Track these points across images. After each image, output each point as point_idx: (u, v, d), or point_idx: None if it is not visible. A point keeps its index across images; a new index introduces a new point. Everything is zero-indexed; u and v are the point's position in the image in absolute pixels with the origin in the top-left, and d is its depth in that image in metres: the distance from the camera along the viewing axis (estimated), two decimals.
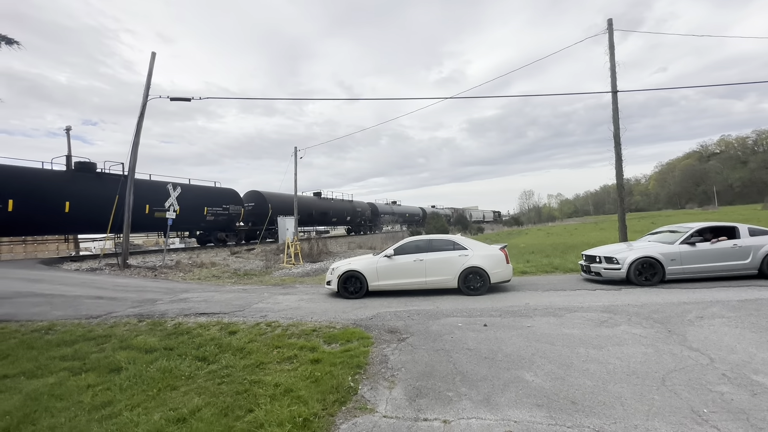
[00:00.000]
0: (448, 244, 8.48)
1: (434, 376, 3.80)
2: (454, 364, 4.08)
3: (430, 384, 3.61)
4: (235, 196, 24.40)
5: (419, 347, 4.69)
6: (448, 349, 4.56)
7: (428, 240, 8.67)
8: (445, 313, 6.44)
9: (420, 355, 4.42)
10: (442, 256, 8.24)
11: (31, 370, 4.41)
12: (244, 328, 5.71)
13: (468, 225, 43.95)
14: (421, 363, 4.16)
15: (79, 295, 8.46)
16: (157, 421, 3.11)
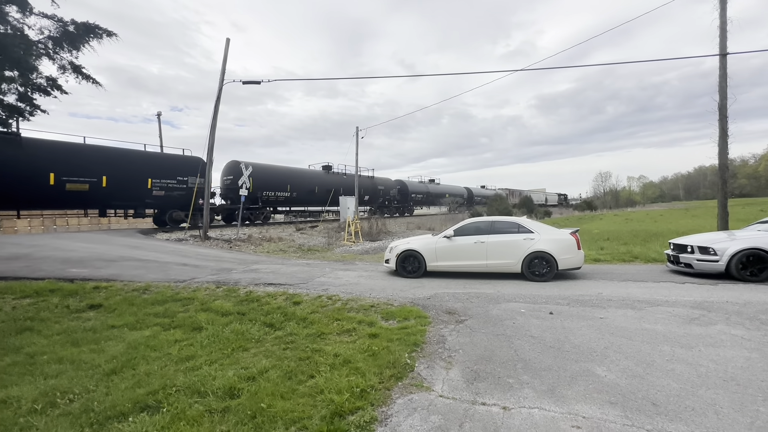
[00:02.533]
0: (512, 227, 8.05)
1: (494, 360, 3.66)
2: (516, 351, 3.89)
3: (489, 368, 3.49)
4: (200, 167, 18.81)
5: (478, 330, 4.55)
6: (509, 335, 4.36)
7: (490, 222, 8.30)
8: (506, 297, 6.17)
9: (479, 338, 4.29)
10: (505, 239, 7.85)
11: (132, 323, 5.09)
12: (307, 300, 6.02)
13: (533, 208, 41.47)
14: (479, 346, 4.03)
15: (169, 261, 9.56)
16: (231, 377, 3.40)
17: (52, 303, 5.81)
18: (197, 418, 2.75)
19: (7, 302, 5.69)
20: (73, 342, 4.50)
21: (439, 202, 42.62)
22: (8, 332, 4.72)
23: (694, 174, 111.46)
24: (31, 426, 2.76)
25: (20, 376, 3.66)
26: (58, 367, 3.82)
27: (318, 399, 2.97)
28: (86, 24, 5.88)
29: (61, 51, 6.10)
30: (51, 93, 6.20)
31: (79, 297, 6.11)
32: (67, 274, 7.42)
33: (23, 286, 6.31)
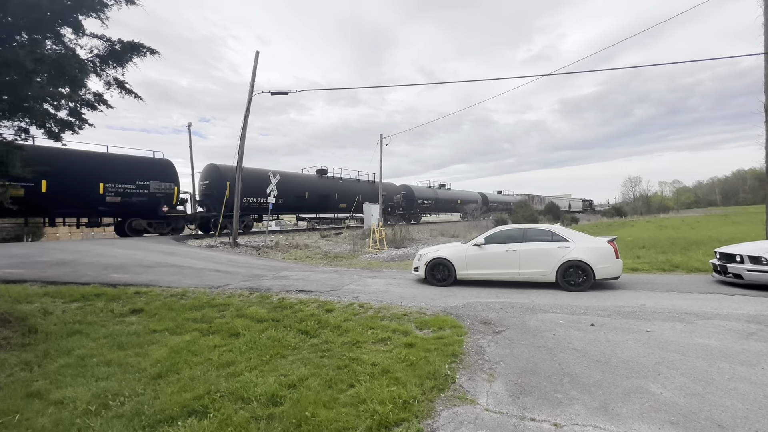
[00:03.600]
0: (545, 235, 7.84)
1: (538, 374, 3.54)
2: (560, 364, 3.75)
3: (535, 382, 3.37)
4: (165, 170, 17.50)
5: (517, 342, 4.42)
6: (551, 347, 4.21)
7: (522, 229, 8.11)
8: (542, 308, 5.99)
9: (519, 350, 4.16)
10: (538, 247, 7.64)
11: (172, 328, 5.24)
12: (339, 307, 6.03)
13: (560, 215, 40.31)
14: (521, 359, 3.91)
15: (203, 267, 9.83)
16: (272, 384, 3.43)
17: (97, 307, 6.06)
18: (244, 424, 2.78)
19: (58, 306, 5.98)
20: (119, 345, 4.67)
21: (451, 209, 40.53)
22: (60, 335, 4.95)
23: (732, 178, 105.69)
24: (88, 427, 2.87)
25: (73, 377, 3.82)
26: (107, 370, 3.96)
27: (361, 409, 2.95)
28: (131, 43, 6.15)
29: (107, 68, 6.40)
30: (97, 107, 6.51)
31: (122, 302, 6.35)
32: (109, 279, 7.75)
33: (71, 291, 6.63)
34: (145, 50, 6.35)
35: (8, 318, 5.19)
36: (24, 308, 5.59)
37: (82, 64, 5.74)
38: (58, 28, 5.43)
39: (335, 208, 26.83)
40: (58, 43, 5.55)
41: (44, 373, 3.96)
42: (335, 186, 26.46)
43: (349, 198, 27.24)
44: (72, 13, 5.20)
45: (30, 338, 4.93)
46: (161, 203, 17.23)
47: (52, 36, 5.31)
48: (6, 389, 3.65)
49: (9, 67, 3.59)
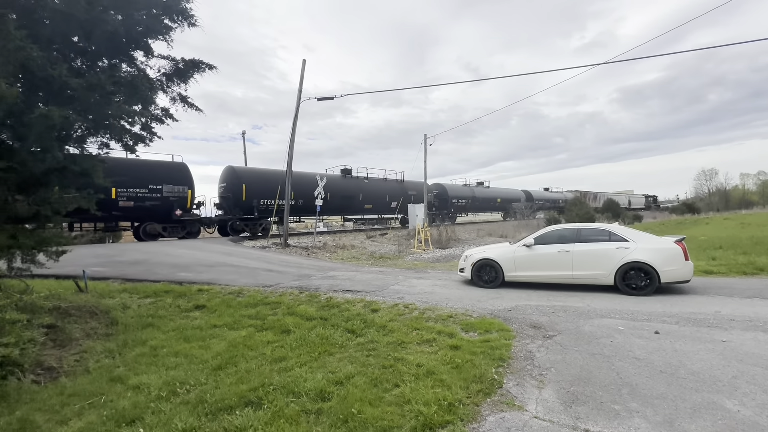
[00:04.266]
0: (601, 234, 7.35)
1: (593, 382, 3.35)
2: (618, 373, 3.51)
3: (589, 391, 3.19)
4: (179, 173, 17.39)
5: (570, 348, 4.21)
6: (608, 355, 3.96)
7: (576, 229, 7.67)
8: (598, 312, 5.63)
9: (572, 356, 3.96)
10: (594, 248, 7.18)
11: (230, 324, 5.63)
12: (384, 308, 6.11)
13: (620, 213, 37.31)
14: (574, 366, 3.72)
15: (256, 267, 10.44)
16: (320, 380, 3.57)
17: (166, 303, 6.68)
18: (295, 417, 2.93)
19: (134, 301, 6.67)
20: (185, 338, 5.11)
21: (490, 208, 38.28)
22: (136, 327, 5.52)
23: None
24: (160, 411, 3.18)
25: (147, 365, 4.25)
26: (175, 360, 4.36)
27: (405, 409, 2.98)
28: (192, 60, 6.63)
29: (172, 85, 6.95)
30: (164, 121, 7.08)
31: (187, 298, 6.93)
32: (176, 277, 8.50)
33: (145, 288, 7.36)
34: (204, 66, 6.88)
35: (95, 311, 5.88)
36: (107, 302, 6.30)
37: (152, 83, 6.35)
38: (132, 52, 6.06)
39: (360, 209, 25.05)
40: (131, 65, 6.19)
41: (124, 361, 4.45)
42: (359, 186, 24.75)
43: (375, 198, 25.70)
44: (143, 38, 5.77)
45: (112, 329, 5.56)
46: (174, 207, 17.13)
47: (126, 59, 5.95)
48: (94, 373, 4.16)
49: (93, 90, 4.08)
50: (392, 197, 26.97)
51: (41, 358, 4.47)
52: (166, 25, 5.94)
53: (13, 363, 3.88)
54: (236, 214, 19.22)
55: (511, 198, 40.03)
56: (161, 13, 5.80)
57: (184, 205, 17.60)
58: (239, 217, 19.12)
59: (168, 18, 5.92)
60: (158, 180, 16.65)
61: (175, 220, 17.47)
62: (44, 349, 4.65)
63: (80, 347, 4.94)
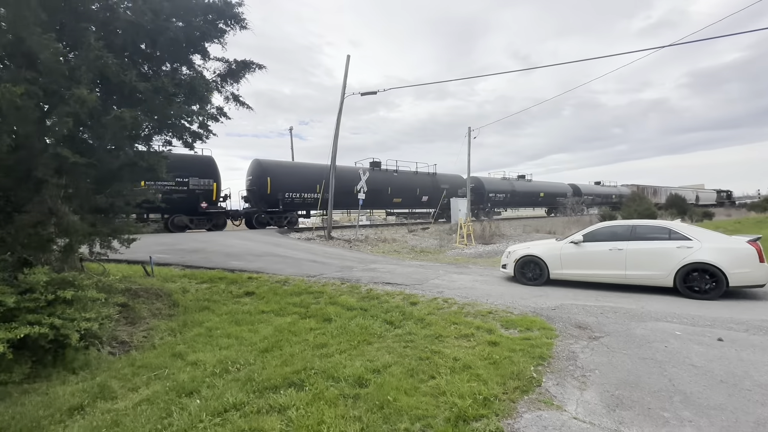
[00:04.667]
0: (660, 232, 6.82)
1: (641, 388, 3.17)
2: (671, 380, 3.30)
3: (636, 396, 3.03)
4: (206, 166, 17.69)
5: (618, 350, 4.00)
6: (660, 360, 3.71)
7: (630, 226, 7.18)
8: (653, 315, 5.27)
9: (620, 359, 3.76)
10: (651, 247, 6.69)
11: (276, 310, 5.97)
12: (423, 301, 6.16)
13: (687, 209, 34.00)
14: (621, 369, 3.54)
15: (301, 258, 10.90)
16: (358, 367, 3.71)
17: (220, 288, 7.21)
18: (334, 400, 3.09)
19: (193, 286, 7.28)
20: (236, 322, 5.50)
21: (532, 203, 36.05)
22: (194, 309, 6.03)
23: None
24: (215, 386, 3.49)
25: (203, 344, 4.65)
26: (227, 341, 4.72)
27: (440, 400, 3.03)
28: (244, 61, 6.98)
29: (226, 85, 7.37)
30: (219, 120, 7.50)
31: (238, 285, 7.43)
32: (229, 265, 9.12)
33: (201, 274, 7.99)
34: (255, 66, 7.25)
35: (160, 293, 6.51)
36: (170, 286, 6.93)
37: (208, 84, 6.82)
38: (190, 55, 6.54)
39: (388, 203, 23.94)
40: (190, 68, 6.68)
41: (183, 339, 4.90)
42: (388, 179, 23.53)
43: (405, 192, 24.56)
44: (201, 42, 6.20)
45: (173, 310, 6.12)
46: (200, 199, 17.56)
47: (186, 63, 6.43)
48: (159, 349, 4.63)
49: (158, 92, 4.49)
50: (423, 191, 26.08)
51: (115, 332, 5.04)
52: (221, 29, 6.31)
53: (93, 336, 4.43)
54: (261, 207, 19.42)
55: (555, 192, 37.69)
56: (216, 17, 6.18)
57: (209, 198, 18.02)
58: (264, 210, 19.35)
59: (222, 22, 6.30)
60: (185, 173, 16.99)
61: (201, 212, 17.99)
62: (118, 325, 5.24)
63: (147, 325, 5.51)
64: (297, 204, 20.71)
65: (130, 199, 4.82)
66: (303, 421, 2.77)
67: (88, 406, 3.31)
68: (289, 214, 20.72)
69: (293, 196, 20.27)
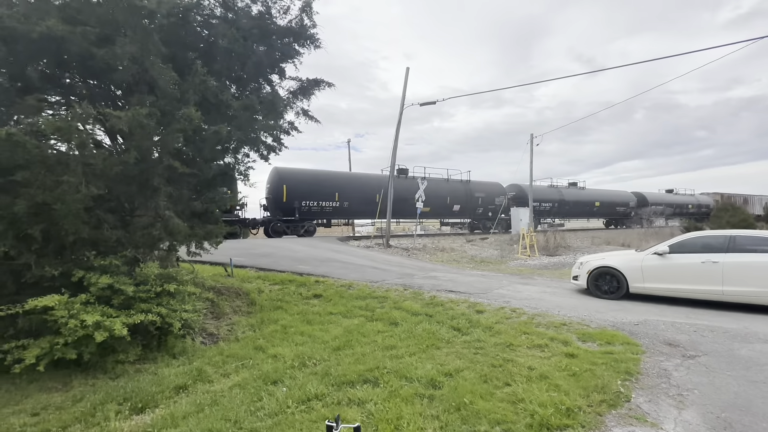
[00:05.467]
0: (766, 243, 6.01)
1: (752, 412, 2.83)
2: None
3: (747, 421, 2.71)
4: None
5: (720, 371, 3.59)
6: None
7: (728, 236, 6.41)
8: (761, 337, 4.64)
9: (723, 381, 3.38)
10: (756, 260, 5.92)
11: (344, 312, 6.22)
12: (489, 310, 6.03)
13: None
14: (726, 391, 3.18)
15: (363, 264, 11.21)
16: (429, 369, 3.76)
17: (290, 290, 7.67)
18: (409, 398, 3.16)
19: (266, 287, 7.84)
20: (307, 321, 5.82)
21: (585, 213, 32.52)
22: (269, 308, 6.49)
23: None
24: (295, 377, 3.75)
25: (280, 340, 4.99)
26: (302, 338, 5.02)
27: (519, 407, 2.96)
28: (315, 79, 7.45)
29: (296, 101, 7.91)
30: (290, 133, 8.01)
31: (307, 287, 7.85)
32: (297, 269, 9.66)
33: (273, 276, 8.57)
34: (324, 84, 7.74)
35: (239, 292, 7.10)
36: (247, 286, 7.53)
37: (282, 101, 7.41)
38: (270, 75, 7.17)
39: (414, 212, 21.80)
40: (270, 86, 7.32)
41: (262, 335, 5.30)
42: (415, 187, 21.25)
43: (434, 200, 22.25)
44: (279, 63, 6.80)
45: (251, 308, 6.63)
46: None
47: (266, 81, 7.07)
48: (242, 341, 5.06)
49: (247, 110, 5.02)
50: (455, 199, 24.10)
51: (205, 325, 5.61)
52: (296, 50, 6.86)
53: (188, 326, 4.98)
54: (277, 215, 19.04)
55: (615, 201, 33.99)
56: (292, 40, 6.74)
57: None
58: (279, 219, 18.90)
59: (297, 44, 6.84)
60: None
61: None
62: (206, 318, 5.81)
63: (230, 320, 6.05)
64: (314, 212, 20.06)
65: (221, 204, 5.39)
66: (382, 414, 2.87)
67: (190, 386, 3.73)
68: (307, 223, 20.07)
69: (310, 204, 19.67)
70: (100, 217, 4.23)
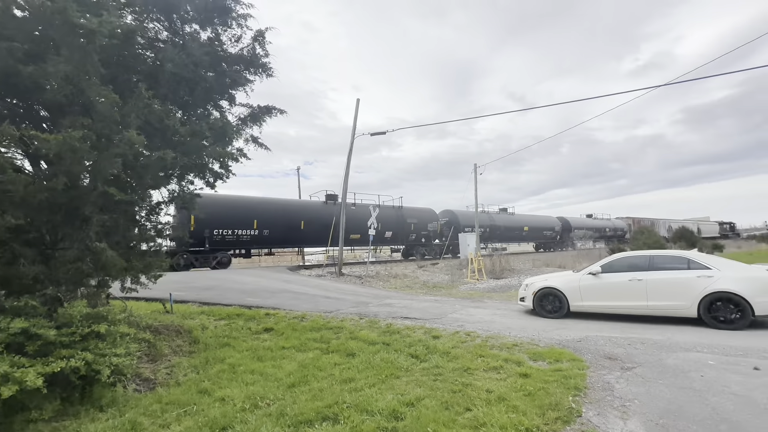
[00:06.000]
0: (678, 262, 6.83)
1: (685, 417, 3.11)
2: (714, 409, 3.23)
3: (682, 425, 2.97)
4: None
5: (654, 381, 3.92)
6: (699, 389, 3.64)
7: (648, 256, 7.20)
8: (682, 346, 5.18)
9: (658, 389, 3.69)
10: (672, 277, 6.67)
11: (297, 346, 5.93)
12: (445, 335, 6.10)
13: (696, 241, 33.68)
14: (661, 399, 3.47)
15: (316, 294, 10.87)
16: (390, 400, 3.67)
17: (239, 325, 7.18)
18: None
19: (211, 322, 7.27)
20: (258, 358, 5.46)
21: (515, 237, 33.90)
22: (215, 346, 6.00)
23: None
24: (247, 420, 3.45)
25: (228, 381, 4.61)
26: (252, 377, 4.68)
27: (481, 431, 2.98)
28: (266, 106, 7.40)
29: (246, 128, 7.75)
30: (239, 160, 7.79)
31: (256, 321, 7.41)
32: (244, 302, 9.11)
33: (219, 311, 7.99)
34: (276, 111, 7.69)
35: (180, 330, 6.50)
36: (189, 323, 6.93)
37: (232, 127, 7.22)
38: (220, 101, 6.99)
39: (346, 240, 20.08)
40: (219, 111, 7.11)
41: (207, 376, 4.85)
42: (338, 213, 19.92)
43: (361, 228, 20.62)
44: (229, 90, 6.66)
45: (194, 347, 6.08)
46: None
47: (216, 108, 6.86)
48: (184, 385, 4.59)
49: (195, 136, 4.81)
50: (386, 226, 23.13)
51: (139, 369, 5.02)
52: (247, 78, 6.79)
53: (120, 372, 4.42)
54: (183, 245, 16.85)
55: (542, 226, 36.22)
56: (244, 68, 6.68)
57: None
58: (186, 249, 16.96)
59: (248, 71, 6.79)
60: None
61: None
62: (140, 362, 5.22)
63: (169, 362, 5.48)
64: (229, 242, 18.39)
65: (161, 234, 5.00)
66: None
67: None
68: (220, 254, 18.41)
69: (224, 233, 18.00)
70: (15, 251, 3.71)
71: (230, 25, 6.41)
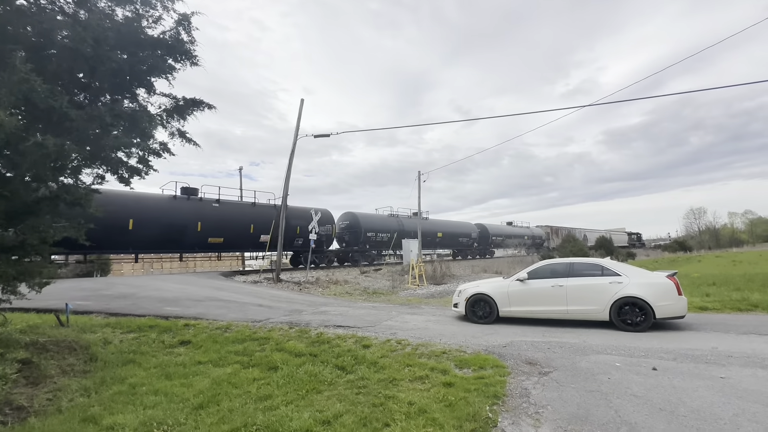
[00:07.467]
0: (594, 269, 7.35)
1: (591, 421, 3.22)
2: (617, 411, 3.39)
3: (587, 430, 3.06)
4: None
5: (567, 385, 4.07)
6: (605, 392, 3.83)
7: (568, 263, 7.67)
8: (595, 349, 5.51)
9: (569, 393, 3.83)
10: (587, 282, 7.16)
11: (216, 360, 5.41)
12: (376, 343, 5.94)
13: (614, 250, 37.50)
14: (571, 403, 3.59)
15: (247, 302, 10.19)
16: (306, 419, 3.40)
17: (150, 338, 6.43)
18: None
19: (117, 336, 6.43)
20: (167, 375, 4.87)
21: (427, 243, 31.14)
22: (116, 363, 5.28)
23: None
24: None
25: (124, 404, 4.02)
26: (155, 399, 4.13)
27: None
28: (193, 99, 6.82)
29: (171, 120, 7.08)
30: (162, 155, 7.11)
31: (172, 333, 6.69)
32: (163, 311, 8.24)
33: (129, 322, 7.12)
34: (204, 105, 7.09)
35: (74, 346, 5.63)
36: (88, 337, 6.05)
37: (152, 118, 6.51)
38: (135, 89, 6.26)
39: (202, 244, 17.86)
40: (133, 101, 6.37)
41: (100, 400, 4.21)
42: (200, 212, 17.51)
43: (231, 229, 18.46)
44: (146, 76, 5.99)
45: (90, 366, 5.30)
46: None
47: (129, 96, 6.12)
48: (66, 413, 3.91)
49: (93, 122, 4.19)
50: (261, 228, 19.59)
51: (11, 396, 4.21)
52: (170, 65, 6.16)
53: None
54: None
55: (457, 232, 34.61)
56: (165, 53, 6.05)
57: None
58: None
59: (171, 58, 6.17)
60: None
61: None
62: (15, 386, 4.39)
63: (54, 385, 4.68)
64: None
65: (47, 236, 4.26)
66: None
67: None
68: None
69: None
70: None
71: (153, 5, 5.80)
